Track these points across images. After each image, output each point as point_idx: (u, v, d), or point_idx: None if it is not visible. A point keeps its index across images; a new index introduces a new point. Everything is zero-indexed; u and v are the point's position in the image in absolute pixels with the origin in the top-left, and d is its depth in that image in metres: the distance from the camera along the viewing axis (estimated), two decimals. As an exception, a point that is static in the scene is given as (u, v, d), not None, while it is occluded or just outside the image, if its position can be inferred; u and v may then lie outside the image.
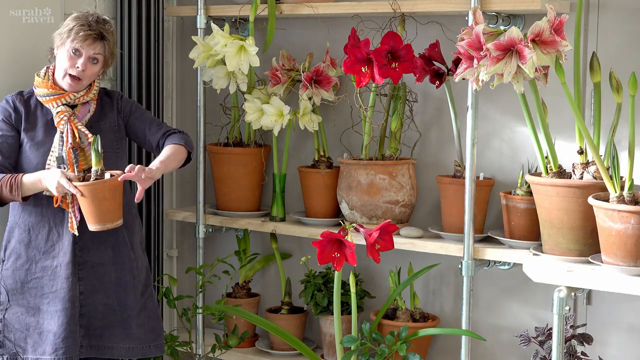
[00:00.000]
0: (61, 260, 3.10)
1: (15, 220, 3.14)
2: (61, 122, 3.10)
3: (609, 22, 3.20)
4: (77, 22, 3.08)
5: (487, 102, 3.41)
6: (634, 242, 2.72)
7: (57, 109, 3.11)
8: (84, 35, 3.06)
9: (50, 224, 3.11)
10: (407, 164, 3.46)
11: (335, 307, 3.26)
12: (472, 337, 3.25)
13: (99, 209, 2.98)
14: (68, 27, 3.08)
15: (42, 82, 3.13)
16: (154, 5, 3.88)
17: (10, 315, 3.11)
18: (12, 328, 3.11)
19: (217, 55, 3.56)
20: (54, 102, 3.11)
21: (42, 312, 3.10)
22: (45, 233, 3.12)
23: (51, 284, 3.10)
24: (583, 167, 2.98)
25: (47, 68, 3.17)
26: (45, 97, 3.12)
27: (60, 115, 3.10)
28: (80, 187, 2.95)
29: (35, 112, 3.15)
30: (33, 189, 3.02)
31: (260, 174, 3.81)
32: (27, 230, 3.12)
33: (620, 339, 3.27)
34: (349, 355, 3.23)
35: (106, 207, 2.99)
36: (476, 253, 3.24)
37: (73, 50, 3.07)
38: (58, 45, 3.11)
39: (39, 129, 3.13)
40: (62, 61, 3.10)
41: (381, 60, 3.23)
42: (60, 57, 3.10)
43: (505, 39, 2.79)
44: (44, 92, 3.12)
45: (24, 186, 3.00)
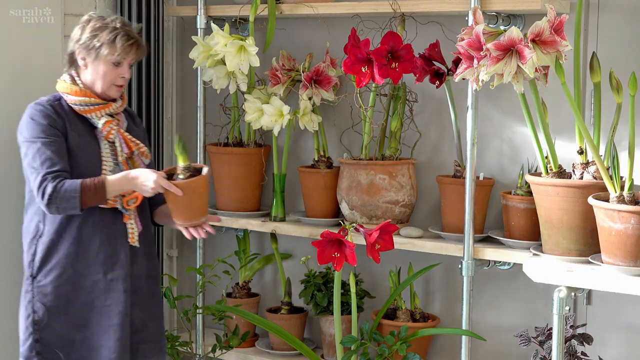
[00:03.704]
0: (117, 273, 2.99)
1: (58, 234, 2.96)
2: (112, 132, 2.99)
3: (609, 22, 3.20)
4: (114, 33, 2.94)
5: (487, 102, 3.41)
6: (634, 242, 2.72)
7: (103, 119, 2.99)
8: (128, 46, 2.95)
9: (103, 236, 2.98)
10: (407, 164, 3.46)
11: (335, 307, 3.26)
12: (472, 337, 3.25)
13: (193, 205, 2.92)
14: (107, 38, 2.93)
15: (78, 90, 2.98)
16: (154, 5, 3.88)
17: (49, 333, 2.96)
18: (52, 347, 2.96)
19: (217, 55, 3.56)
20: (97, 112, 2.99)
21: (92, 327, 2.98)
22: (97, 246, 2.98)
23: (103, 298, 2.98)
24: (583, 167, 2.98)
25: (72, 76, 3.02)
26: (85, 107, 2.98)
27: (109, 125, 2.99)
28: (181, 184, 2.87)
29: (73, 120, 3.00)
30: (119, 190, 2.91)
31: (260, 174, 3.81)
32: (75, 243, 2.96)
33: (620, 339, 3.27)
34: (349, 355, 3.23)
35: (200, 202, 2.94)
36: (476, 253, 3.24)
37: (116, 62, 2.96)
38: (93, 56, 2.95)
39: (82, 137, 2.99)
40: (104, 73, 2.97)
41: (381, 60, 3.23)
42: (99, 69, 2.96)
43: (505, 39, 2.79)
44: (83, 101, 2.98)
45: (108, 187, 2.88)
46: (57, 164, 2.87)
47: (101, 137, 3.01)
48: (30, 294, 2.98)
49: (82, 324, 2.98)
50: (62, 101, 3.01)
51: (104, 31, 2.94)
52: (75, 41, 2.99)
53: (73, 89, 2.99)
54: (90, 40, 2.95)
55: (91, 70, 2.98)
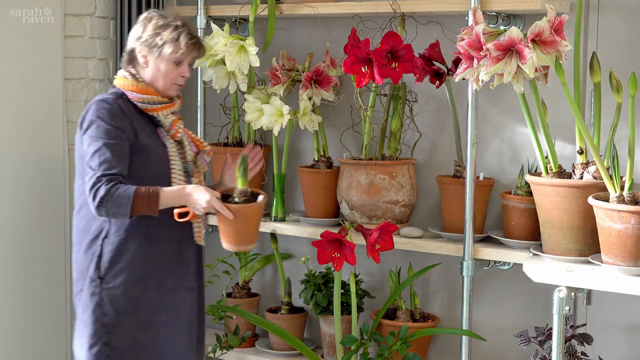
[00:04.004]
0: (185, 272, 2.95)
1: (127, 234, 2.89)
2: (179, 131, 2.95)
3: (609, 22, 3.20)
4: (178, 32, 2.89)
5: (487, 102, 3.41)
6: (634, 242, 2.72)
7: (170, 118, 2.95)
8: (191, 45, 2.91)
9: (171, 235, 2.93)
10: (407, 164, 3.46)
11: (335, 307, 3.27)
12: (472, 337, 3.25)
13: (243, 231, 2.85)
14: (170, 37, 2.88)
15: (143, 88, 2.91)
16: (153, 6, 3.88)
17: (118, 336, 2.89)
18: (121, 350, 2.89)
19: (217, 55, 3.56)
20: (163, 110, 2.94)
21: (158, 328, 2.93)
22: (166, 245, 2.93)
23: (170, 298, 2.94)
24: (583, 167, 2.98)
25: (132, 74, 2.94)
26: (151, 105, 2.92)
27: (177, 124, 2.95)
28: (233, 208, 2.80)
29: (138, 118, 2.92)
30: (171, 204, 2.83)
31: (260, 174, 3.81)
32: (144, 243, 2.90)
33: (620, 339, 3.27)
34: (349, 355, 3.23)
35: (251, 228, 2.86)
36: (476, 253, 3.24)
37: (177, 61, 2.91)
38: (155, 54, 2.90)
39: (147, 137, 2.92)
40: (166, 71, 2.92)
41: (381, 60, 3.23)
42: (161, 67, 2.91)
43: (505, 39, 2.79)
44: (149, 99, 2.91)
45: (162, 200, 2.80)
46: (114, 167, 2.79)
47: (166, 136, 2.94)
48: (98, 297, 2.88)
49: (150, 325, 2.92)
50: (124, 98, 2.92)
51: (166, 29, 2.89)
52: (136, 39, 2.92)
53: (138, 86, 2.91)
54: (152, 38, 2.89)
55: (152, 68, 2.92)
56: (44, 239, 3.68)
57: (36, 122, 3.62)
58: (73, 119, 3.76)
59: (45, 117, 3.65)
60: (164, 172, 2.91)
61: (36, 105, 3.61)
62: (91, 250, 2.90)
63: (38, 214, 3.64)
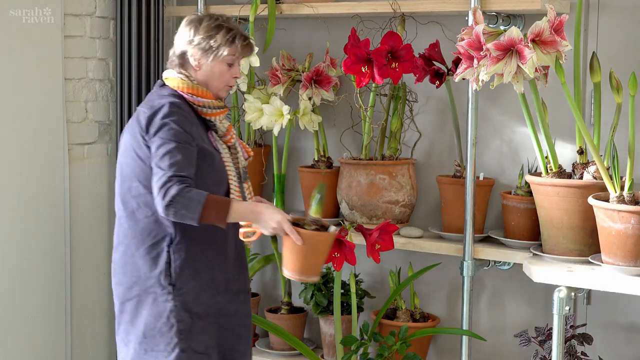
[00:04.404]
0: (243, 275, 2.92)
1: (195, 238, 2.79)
2: (233, 136, 2.88)
3: (609, 22, 3.20)
4: (232, 34, 2.82)
5: (487, 102, 3.41)
6: (634, 242, 2.72)
7: (225, 123, 2.86)
8: (245, 46, 2.85)
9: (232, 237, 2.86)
10: (407, 164, 3.46)
11: (335, 307, 3.27)
12: (472, 337, 3.25)
13: (308, 260, 2.75)
14: (225, 39, 2.80)
15: (203, 92, 2.82)
16: (154, 5, 3.88)
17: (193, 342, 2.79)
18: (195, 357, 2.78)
19: (217, 55, 3.56)
20: (220, 115, 2.86)
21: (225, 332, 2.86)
22: (227, 248, 2.86)
23: (236, 302, 2.89)
24: (583, 167, 2.98)
25: (187, 76, 2.83)
26: (210, 109, 2.83)
27: (232, 129, 2.88)
28: (303, 234, 2.71)
29: (197, 122, 2.83)
30: (240, 218, 2.74)
31: (260, 174, 3.81)
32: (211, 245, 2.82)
33: (620, 339, 3.27)
34: (349, 355, 3.23)
35: (318, 259, 2.77)
36: (476, 253, 3.24)
37: (230, 63, 2.84)
38: (210, 57, 2.81)
39: (206, 142, 2.82)
40: (220, 73, 2.83)
41: (381, 60, 3.23)
42: (215, 69, 2.82)
43: (505, 39, 2.79)
44: (209, 104, 2.82)
45: (233, 212, 2.69)
46: (184, 169, 2.68)
47: (218, 141, 2.87)
48: (172, 304, 2.77)
49: (219, 329, 2.86)
50: (184, 100, 2.81)
51: (220, 31, 2.82)
52: (188, 42, 2.83)
53: (198, 89, 2.81)
54: (206, 40, 2.81)
55: (206, 71, 2.83)
56: (44, 238, 3.68)
57: (36, 122, 3.62)
58: (73, 119, 3.76)
59: (45, 117, 3.65)
60: (224, 178, 2.83)
61: (36, 105, 3.61)
62: (151, 256, 2.79)
63: (38, 213, 3.64)
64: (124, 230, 2.82)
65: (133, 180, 2.78)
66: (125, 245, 2.82)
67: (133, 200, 2.79)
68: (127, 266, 2.82)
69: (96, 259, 3.90)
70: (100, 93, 3.87)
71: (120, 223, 2.84)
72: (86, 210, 3.84)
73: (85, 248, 3.85)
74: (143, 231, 2.79)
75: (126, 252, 2.82)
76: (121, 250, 2.84)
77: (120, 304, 2.85)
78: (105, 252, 3.93)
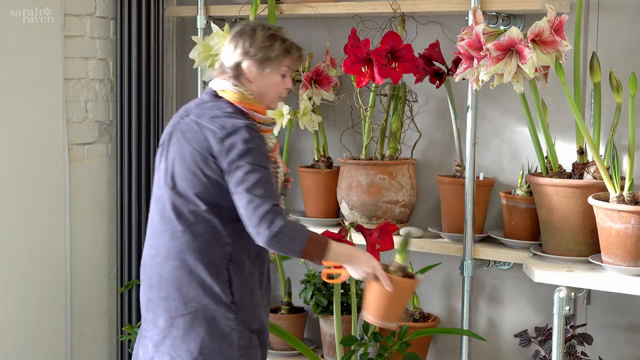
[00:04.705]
0: (270, 288, 2.89)
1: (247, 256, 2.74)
2: (277, 154, 2.81)
3: (609, 22, 3.20)
4: (287, 44, 2.76)
5: (487, 102, 3.41)
6: (634, 242, 2.72)
7: (273, 138, 2.79)
8: (300, 57, 2.80)
9: (266, 253, 2.83)
10: (407, 164, 3.46)
11: (335, 307, 3.26)
12: (472, 337, 3.25)
13: (394, 306, 2.74)
14: (281, 49, 2.74)
15: (262, 107, 2.74)
16: (154, 5, 3.88)
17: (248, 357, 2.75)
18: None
19: (217, 55, 3.55)
20: (271, 133, 2.78)
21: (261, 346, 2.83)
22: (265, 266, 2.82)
23: (266, 316, 2.85)
24: (583, 167, 2.98)
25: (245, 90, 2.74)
26: (267, 127, 2.75)
27: (277, 147, 2.82)
28: (395, 280, 2.70)
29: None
30: (334, 258, 2.70)
31: (260, 174, 3.81)
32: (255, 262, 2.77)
33: (620, 339, 3.27)
34: (349, 355, 3.23)
35: (401, 306, 2.77)
36: (476, 253, 3.24)
37: (283, 74, 2.77)
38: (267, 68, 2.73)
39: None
40: (274, 85, 2.76)
41: (381, 60, 3.23)
42: (271, 81, 2.75)
43: (505, 39, 2.79)
44: (267, 120, 2.74)
45: (330, 252, 2.65)
46: (277, 198, 2.65)
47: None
48: (234, 322, 2.72)
49: (262, 344, 2.83)
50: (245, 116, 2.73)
51: (275, 42, 2.75)
52: (244, 53, 2.73)
53: (257, 105, 2.74)
54: (262, 51, 2.74)
55: (261, 82, 2.75)
56: (44, 238, 3.68)
57: (36, 122, 3.62)
58: (73, 119, 3.76)
59: (45, 117, 3.65)
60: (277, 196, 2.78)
61: (36, 105, 3.61)
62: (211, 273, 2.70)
63: (38, 213, 3.64)
64: (180, 244, 2.72)
65: (190, 195, 2.70)
66: (181, 259, 2.72)
67: (190, 215, 2.71)
68: (183, 281, 2.73)
69: (96, 259, 3.90)
70: (100, 93, 3.87)
71: (174, 236, 2.73)
72: (86, 210, 3.84)
73: (85, 248, 3.85)
74: (202, 247, 2.71)
75: (182, 267, 2.72)
76: (175, 265, 2.73)
77: (171, 318, 2.74)
78: (105, 252, 3.93)
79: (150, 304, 2.78)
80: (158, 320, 2.75)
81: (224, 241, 2.71)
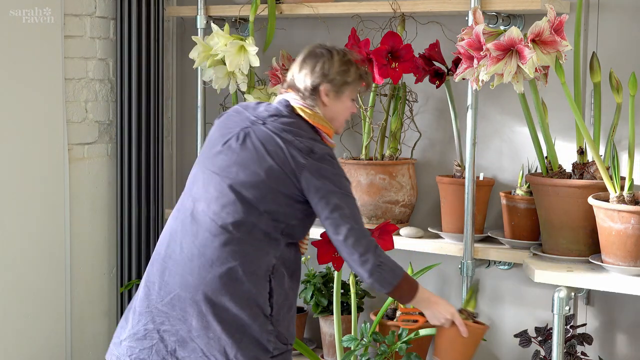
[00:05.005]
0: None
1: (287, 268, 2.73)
2: None
3: (609, 22, 3.20)
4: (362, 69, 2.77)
5: (487, 102, 3.41)
6: (634, 242, 2.72)
7: None
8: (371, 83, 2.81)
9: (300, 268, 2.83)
10: (407, 164, 3.46)
11: (335, 307, 3.26)
12: (472, 337, 3.25)
13: (466, 352, 2.80)
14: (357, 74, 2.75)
15: (332, 130, 2.73)
16: (154, 5, 3.88)
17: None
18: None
19: (217, 55, 3.56)
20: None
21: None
22: (297, 278, 2.81)
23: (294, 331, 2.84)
24: (583, 167, 2.98)
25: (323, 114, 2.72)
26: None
27: None
28: (470, 326, 2.77)
29: None
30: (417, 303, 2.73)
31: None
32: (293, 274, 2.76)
33: (620, 339, 3.27)
34: (349, 355, 3.23)
35: (472, 352, 2.82)
36: (476, 253, 3.24)
37: (354, 98, 2.77)
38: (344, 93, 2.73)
39: None
40: (345, 109, 2.75)
41: (381, 60, 3.23)
42: (345, 105, 2.75)
43: (505, 39, 2.79)
44: (333, 145, 2.73)
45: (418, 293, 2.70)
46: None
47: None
48: (273, 335, 2.71)
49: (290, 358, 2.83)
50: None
51: (352, 67, 2.75)
52: (322, 75, 2.71)
53: (330, 130, 2.73)
54: (341, 75, 2.72)
55: (334, 106, 2.73)
56: (44, 238, 3.68)
57: (36, 122, 3.62)
58: (73, 119, 3.76)
59: (45, 117, 3.65)
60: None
61: (36, 105, 3.61)
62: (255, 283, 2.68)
63: (38, 213, 3.64)
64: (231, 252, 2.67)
65: (258, 206, 2.67)
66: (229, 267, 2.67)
67: (251, 225, 2.67)
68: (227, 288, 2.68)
69: (96, 259, 3.90)
70: (100, 93, 3.87)
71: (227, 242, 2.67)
72: (86, 210, 3.84)
73: (85, 248, 3.84)
74: (252, 258, 2.68)
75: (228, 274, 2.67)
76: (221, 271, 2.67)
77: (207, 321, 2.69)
78: (105, 252, 3.93)
79: (179, 301, 2.70)
80: (188, 318, 2.68)
81: (273, 254, 2.69)
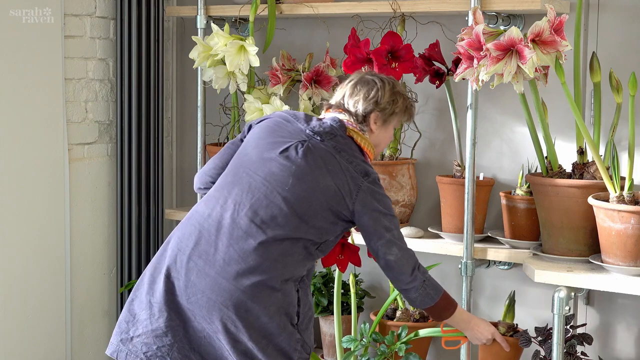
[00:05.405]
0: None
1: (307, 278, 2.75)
2: None
3: (609, 22, 3.20)
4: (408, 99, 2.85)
5: (487, 102, 3.41)
6: (634, 242, 2.72)
7: None
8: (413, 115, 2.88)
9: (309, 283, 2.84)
10: (407, 164, 3.46)
11: (336, 307, 3.26)
12: (472, 337, 3.25)
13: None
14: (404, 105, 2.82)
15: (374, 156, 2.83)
16: (154, 5, 3.89)
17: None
18: None
19: (217, 55, 3.56)
20: None
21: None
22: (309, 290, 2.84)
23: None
24: (583, 167, 2.98)
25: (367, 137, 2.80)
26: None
27: None
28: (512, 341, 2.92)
29: None
30: (456, 323, 2.87)
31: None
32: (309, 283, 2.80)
33: (620, 339, 3.27)
34: (349, 355, 3.23)
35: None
36: (476, 253, 3.24)
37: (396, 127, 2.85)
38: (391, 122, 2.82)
39: None
40: (388, 137, 2.84)
41: (381, 60, 3.23)
42: (388, 134, 2.84)
43: (505, 39, 2.79)
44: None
45: (457, 313, 2.83)
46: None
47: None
48: (299, 343, 2.71)
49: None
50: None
51: (399, 98, 2.82)
52: (374, 103, 2.78)
53: (373, 155, 2.82)
54: (390, 105, 2.80)
55: (380, 134, 2.82)
56: (44, 238, 3.68)
57: (36, 122, 3.62)
58: (73, 119, 3.76)
59: (45, 117, 3.65)
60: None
61: (36, 105, 3.61)
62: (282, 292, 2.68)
63: (38, 213, 3.64)
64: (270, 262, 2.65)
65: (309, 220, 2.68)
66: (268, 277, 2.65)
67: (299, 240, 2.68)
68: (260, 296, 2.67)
69: (96, 259, 3.90)
70: (100, 93, 3.87)
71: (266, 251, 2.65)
72: (86, 210, 3.84)
73: (85, 248, 3.85)
74: (287, 268, 2.67)
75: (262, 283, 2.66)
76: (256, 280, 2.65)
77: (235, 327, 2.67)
78: (105, 252, 3.93)
79: (207, 303, 2.66)
80: (215, 320, 2.66)
81: (304, 266, 2.71)
